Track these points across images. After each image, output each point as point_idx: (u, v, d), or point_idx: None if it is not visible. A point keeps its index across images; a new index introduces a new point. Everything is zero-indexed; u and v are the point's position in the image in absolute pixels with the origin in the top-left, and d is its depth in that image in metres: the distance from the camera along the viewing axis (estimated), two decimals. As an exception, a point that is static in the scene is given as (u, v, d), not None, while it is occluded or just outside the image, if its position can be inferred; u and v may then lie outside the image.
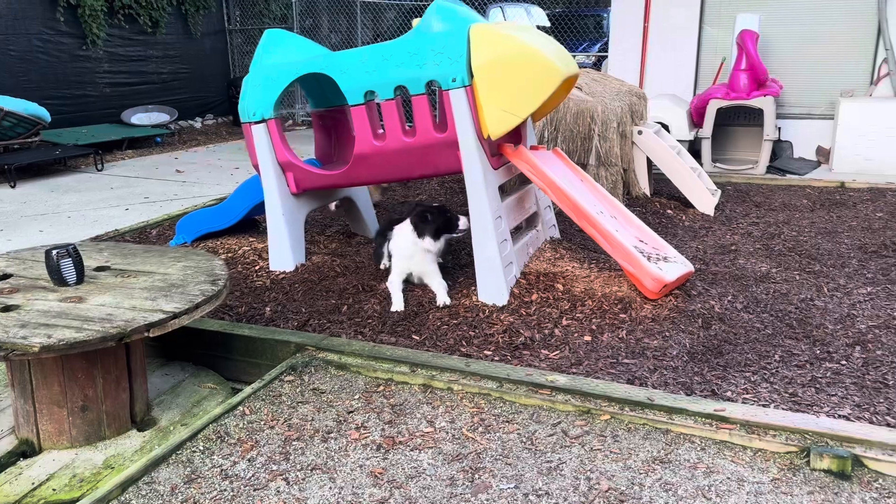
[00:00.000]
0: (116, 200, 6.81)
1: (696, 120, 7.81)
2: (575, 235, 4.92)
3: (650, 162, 6.12)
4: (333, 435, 2.71)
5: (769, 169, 7.60)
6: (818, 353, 3.27)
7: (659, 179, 6.41)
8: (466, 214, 3.90)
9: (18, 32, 9.37)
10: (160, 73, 11.52)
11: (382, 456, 2.57)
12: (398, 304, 3.83)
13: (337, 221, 5.63)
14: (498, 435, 2.68)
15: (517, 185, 4.45)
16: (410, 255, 3.95)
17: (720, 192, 6.17)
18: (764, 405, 2.81)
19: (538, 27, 12.44)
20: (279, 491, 2.38)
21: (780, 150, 8.11)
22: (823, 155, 8.02)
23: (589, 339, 3.43)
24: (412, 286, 4.07)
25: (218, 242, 4.97)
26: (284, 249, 4.44)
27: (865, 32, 7.82)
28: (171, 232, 5.39)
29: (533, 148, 4.21)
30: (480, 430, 2.72)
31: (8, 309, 2.72)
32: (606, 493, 2.33)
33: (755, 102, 7.42)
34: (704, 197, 5.83)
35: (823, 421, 2.66)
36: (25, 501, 2.53)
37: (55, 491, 2.59)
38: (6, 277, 3.08)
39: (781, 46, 8.10)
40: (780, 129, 8.01)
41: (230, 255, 4.76)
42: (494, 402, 2.91)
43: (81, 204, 6.70)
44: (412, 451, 2.59)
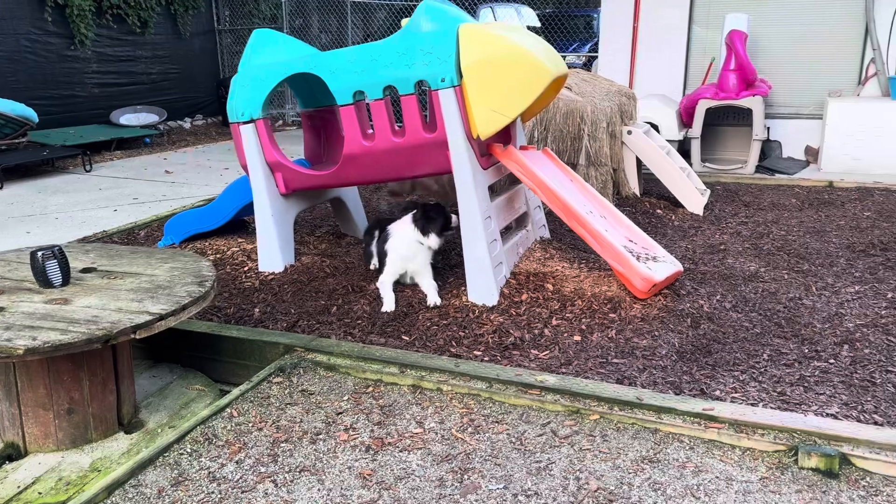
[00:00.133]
0: (105, 201, 6.76)
1: (685, 120, 7.84)
2: (565, 235, 4.92)
3: (640, 162, 6.14)
4: (322, 436, 2.70)
5: (758, 168, 7.63)
6: (806, 351, 3.28)
7: (648, 179, 6.43)
8: (455, 213, 3.89)
9: (6, 32, 9.31)
10: (149, 73, 11.46)
11: (371, 457, 2.56)
12: (389, 304, 3.81)
13: (326, 222, 5.61)
14: (487, 435, 2.67)
15: (507, 185, 4.45)
16: (412, 254, 3.91)
17: (709, 191, 6.20)
18: (752, 404, 2.81)
19: (528, 27, 12.48)
20: (267, 493, 2.37)
21: (768, 149, 8.15)
22: (812, 154, 8.07)
23: (578, 338, 3.43)
24: (402, 286, 4.06)
25: (207, 243, 4.95)
26: (273, 250, 4.42)
27: (853, 33, 7.87)
28: (159, 233, 5.36)
29: (522, 148, 4.21)
30: (470, 430, 2.71)
31: (-8, 311, 2.69)
32: (595, 492, 2.33)
33: (744, 102, 7.45)
34: (694, 197, 5.84)
35: (811, 419, 2.67)
36: (10, 505, 2.52)
37: (41, 494, 2.57)
38: (-9, 279, 3.05)
39: (770, 46, 8.14)
40: (768, 128, 8.05)
41: (219, 256, 4.74)
42: (484, 402, 2.91)
43: (69, 205, 6.65)
44: (401, 452, 2.59)
